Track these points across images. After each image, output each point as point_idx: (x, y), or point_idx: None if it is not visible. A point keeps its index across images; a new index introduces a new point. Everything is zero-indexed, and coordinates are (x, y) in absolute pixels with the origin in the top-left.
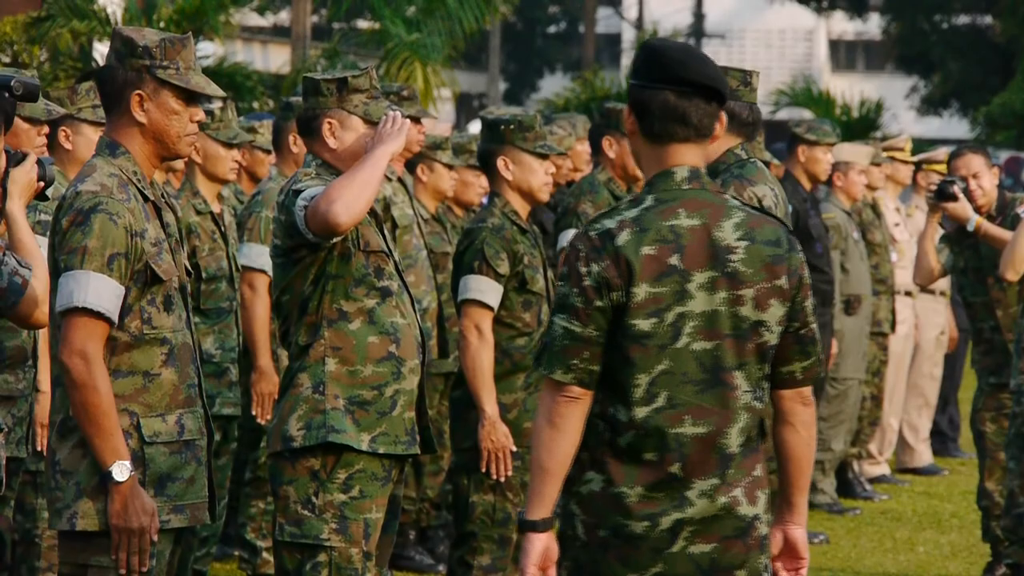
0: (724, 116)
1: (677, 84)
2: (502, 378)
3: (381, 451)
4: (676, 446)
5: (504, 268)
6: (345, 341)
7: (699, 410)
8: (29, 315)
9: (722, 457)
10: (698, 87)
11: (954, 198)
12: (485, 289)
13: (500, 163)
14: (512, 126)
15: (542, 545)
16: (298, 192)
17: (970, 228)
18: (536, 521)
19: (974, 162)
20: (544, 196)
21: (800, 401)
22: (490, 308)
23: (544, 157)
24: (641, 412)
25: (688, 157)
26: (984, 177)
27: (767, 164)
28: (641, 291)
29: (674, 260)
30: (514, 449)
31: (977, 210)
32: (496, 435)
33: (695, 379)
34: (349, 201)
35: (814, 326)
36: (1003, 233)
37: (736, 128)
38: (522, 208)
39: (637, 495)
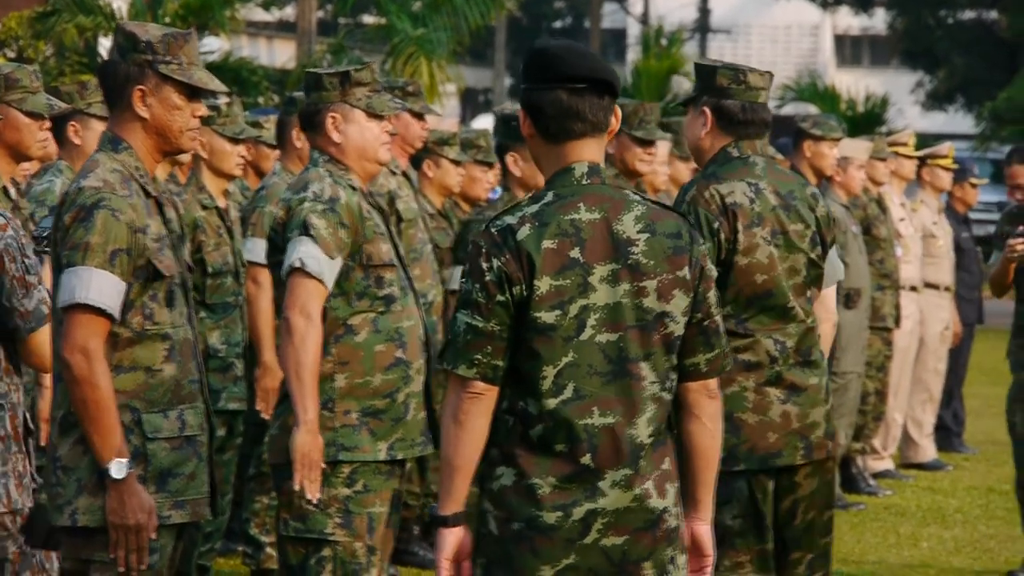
0: (618, 109)
1: (567, 81)
2: None
3: (400, 456)
4: (586, 437)
5: None
6: (353, 354)
7: (605, 401)
8: (39, 346)
9: (633, 447)
10: (589, 82)
11: None
12: None
13: (510, 159)
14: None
15: (454, 539)
16: (307, 229)
17: None
18: (446, 516)
19: (1020, 172)
20: None
21: (706, 394)
22: None
23: None
24: (550, 404)
25: (586, 153)
26: None
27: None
28: (543, 284)
29: (575, 253)
30: None
31: None
32: None
33: (601, 370)
34: (291, 343)
35: (718, 318)
36: None
37: (726, 126)
38: None
39: (550, 486)
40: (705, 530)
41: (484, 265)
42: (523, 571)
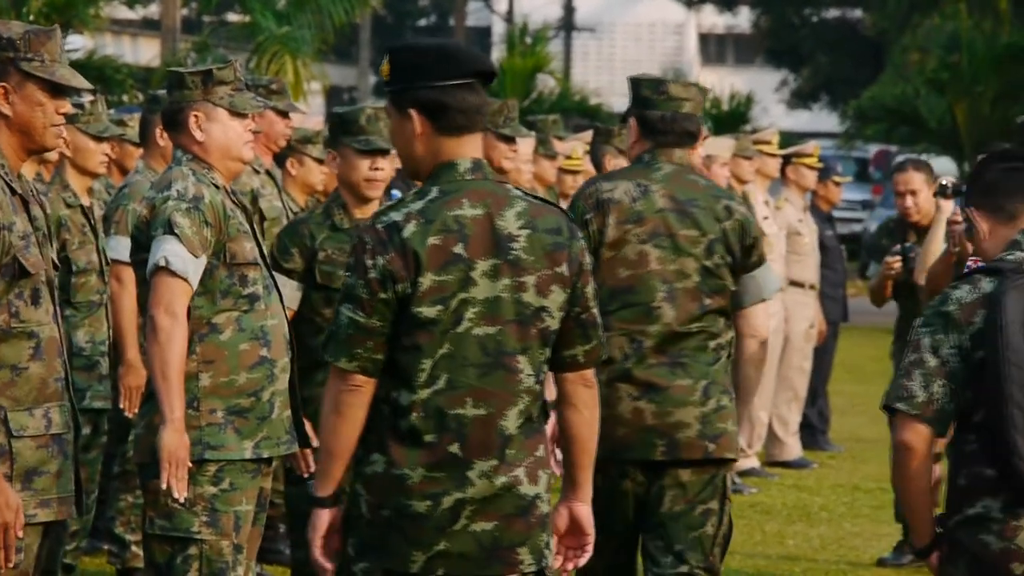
0: None
1: (473, 77)
2: (303, 373)
3: (266, 455)
4: (455, 426)
5: (292, 263)
6: (217, 353)
7: (480, 392)
8: None
9: (502, 438)
10: (486, 77)
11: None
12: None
13: (330, 157)
14: (336, 121)
15: (329, 517)
16: (171, 227)
17: None
18: (324, 497)
19: (915, 179)
20: (369, 193)
21: (582, 383)
22: None
23: (364, 153)
24: (422, 394)
25: (470, 148)
26: (921, 194)
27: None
28: (427, 280)
29: (458, 249)
30: (315, 444)
31: (914, 225)
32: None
33: (476, 362)
34: (157, 342)
35: (595, 311)
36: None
37: (648, 135)
38: (353, 203)
39: (419, 476)
40: (585, 511)
41: (368, 262)
42: (396, 556)
